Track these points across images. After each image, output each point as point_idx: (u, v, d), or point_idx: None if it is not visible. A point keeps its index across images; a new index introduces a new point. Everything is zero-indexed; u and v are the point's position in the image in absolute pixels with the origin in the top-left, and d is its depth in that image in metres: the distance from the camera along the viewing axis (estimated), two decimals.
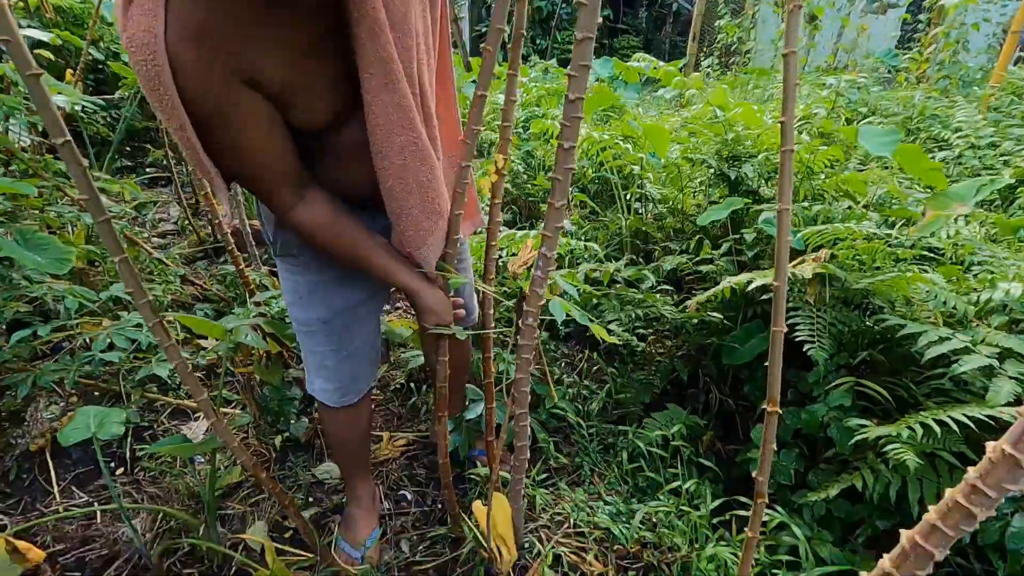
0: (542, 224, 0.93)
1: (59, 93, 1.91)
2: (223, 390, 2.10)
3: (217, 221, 1.83)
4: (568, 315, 1.11)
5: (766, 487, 0.88)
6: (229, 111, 0.77)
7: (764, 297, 1.84)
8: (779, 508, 1.48)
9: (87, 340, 2.05)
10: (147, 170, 4.38)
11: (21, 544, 1.42)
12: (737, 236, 2.00)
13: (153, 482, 1.68)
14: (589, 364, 2.27)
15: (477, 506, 1.31)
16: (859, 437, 1.29)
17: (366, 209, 1.05)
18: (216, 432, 1.11)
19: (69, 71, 3.48)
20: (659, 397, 2.11)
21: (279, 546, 1.46)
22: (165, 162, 3.86)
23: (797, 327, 1.50)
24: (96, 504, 1.46)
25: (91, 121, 4.03)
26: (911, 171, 1.85)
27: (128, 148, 4.60)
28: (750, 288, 1.53)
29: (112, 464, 1.74)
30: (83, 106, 2.90)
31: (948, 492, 0.58)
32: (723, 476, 1.76)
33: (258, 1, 0.72)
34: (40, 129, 3.24)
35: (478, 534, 1.39)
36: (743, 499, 1.58)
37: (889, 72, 5.12)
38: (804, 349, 1.43)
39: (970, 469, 0.57)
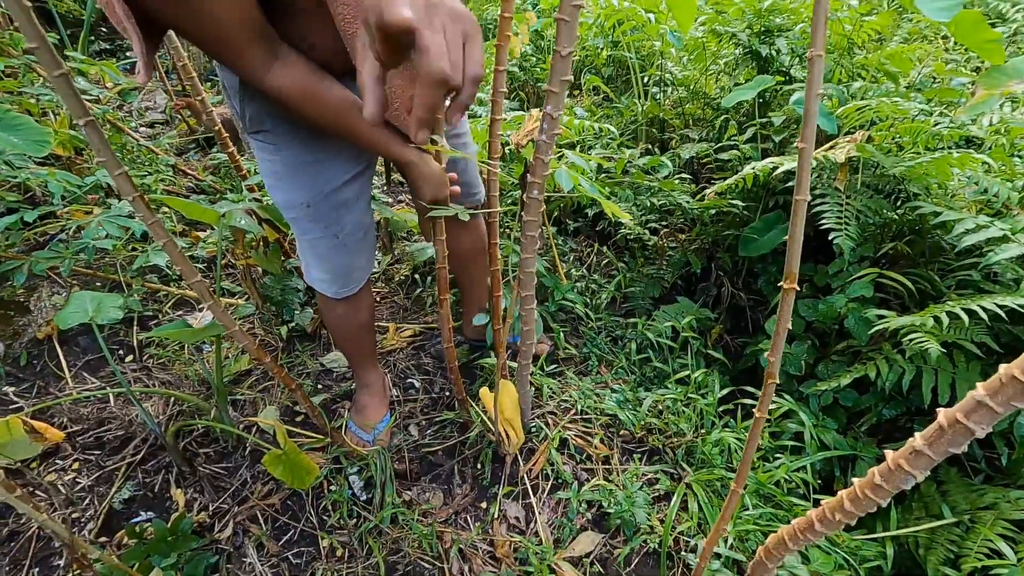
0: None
1: None
2: (225, 281, 2.07)
3: (209, 111, 1.70)
4: (576, 189, 1.02)
5: (778, 367, 0.83)
6: None
7: (787, 185, 1.73)
8: (786, 396, 1.48)
9: (80, 231, 1.99)
10: (128, 55, 4.08)
11: (39, 424, 1.45)
12: (764, 120, 1.85)
13: (163, 369, 1.70)
14: (598, 258, 2.21)
15: (484, 392, 1.31)
16: (880, 326, 1.25)
17: (343, 80, 0.93)
18: (215, 316, 1.07)
19: None
20: (669, 291, 2.07)
21: (290, 428, 1.49)
22: None
23: (823, 215, 1.41)
24: (108, 388, 1.47)
25: None
26: (966, 42, 1.65)
27: (104, 30, 4.26)
28: (776, 174, 1.42)
29: (121, 352, 1.75)
30: None
31: (1002, 368, 0.53)
32: (731, 367, 1.76)
33: None
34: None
35: (485, 419, 1.41)
36: (750, 389, 1.58)
37: None
38: (830, 238, 1.35)
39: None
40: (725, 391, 1.54)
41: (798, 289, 0.89)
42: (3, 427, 1.23)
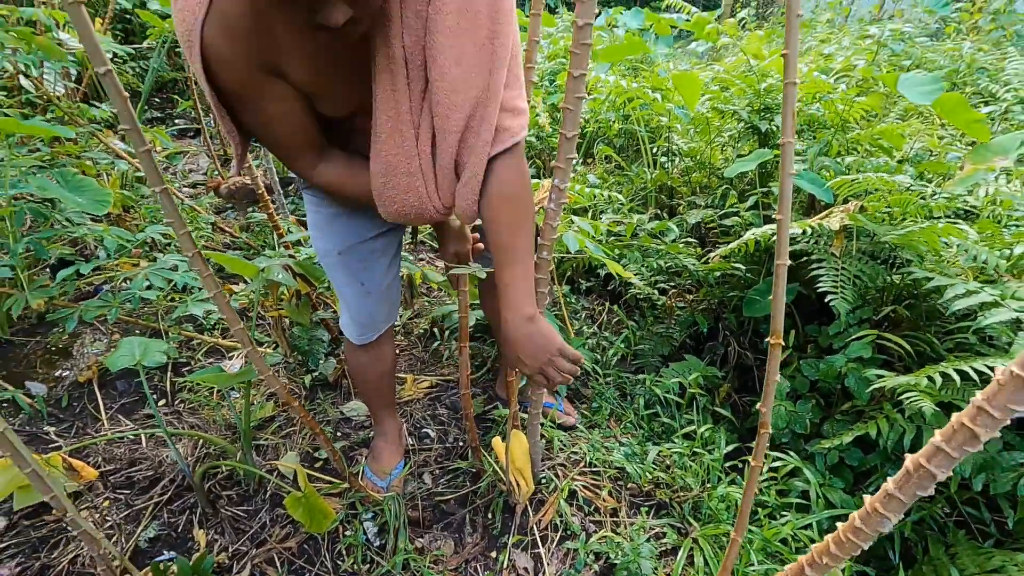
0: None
1: None
2: (255, 332, 2.19)
3: (252, 176, 1.89)
4: (583, 249, 1.12)
5: (769, 417, 0.90)
6: (254, 94, 0.85)
7: (795, 249, 1.83)
8: (792, 454, 1.52)
9: (127, 281, 2.15)
10: (176, 121, 4.43)
11: (76, 463, 1.54)
12: (765, 189, 1.97)
13: (192, 413, 1.79)
14: (609, 317, 2.30)
15: (496, 441, 1.37)
16: (878, 384, 1.30)
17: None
18: (251, 359, 1.17)
19: (98, 19, 3.51)
20: (678, 350, 2.14)
21: (310, 472, 1.56)
22: (194, 113, 3.90)
23: (820, 278, 1.49)
24: (141, 430, 1.56)
25: (120, 71, 4.07)
26: (952, 122, 1.78)
27: (157, 99, 4.65)
28: (774, 240, 1.52)
29: (155, 396, 1.85)
30: (113, 54, 2.93)
31: (954, 416, 0.60)
32: (738, 426, 1.80)
33: (293, 18, 0.79)
34: (74, 76, 3.29)
35: (496, 468, 1.46)
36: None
37: (938, 23, 4.84)
38: (827, 300, 1.43)
39: (977, 392, 0.58)
40: (731, 447, 1.58)
41: (784, 345, 0.96)
42: (43, 464, 1.32)
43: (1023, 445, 1.30)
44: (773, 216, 1.95)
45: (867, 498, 0.71)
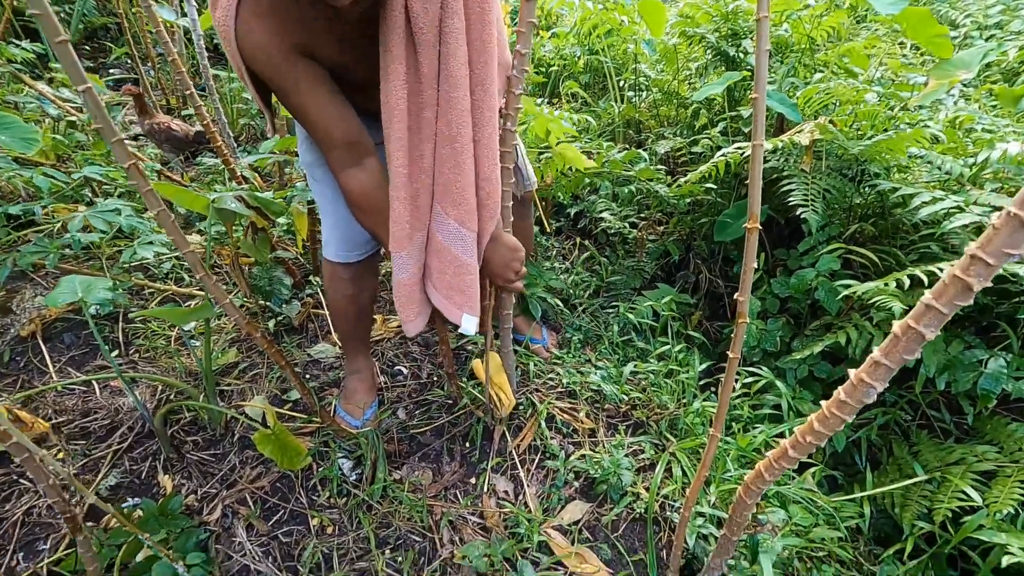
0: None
1: None
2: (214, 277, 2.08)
3: (205, 121, 1.74)
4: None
5: (747, 307, 0.88)
6: (288, 74, 0.90)
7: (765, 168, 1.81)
8: (764, 370, 1.54)
9: (65, 230, 2.00)
10: (110, 71, 4.11)
11: (24, 415, 1.44)
12: (733, 114, 1.94)
13: (149, 363, 1.70)
14: (580, 253, 2.27)
15: (476, 363, 1.34)
16: (847, 293, 1.32)
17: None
18: (206, 287, 1.09)
19: None
20: (650, 281, 2.14)
21: (280, 411, 1.50)
22: (130, 63, 3.62)
23: (791, 194, 1.48)
24: (93, 378, 1.47)
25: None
26: (916, 37, 1.77)
27: (87, 47, 4.29)
28: (745, 159, 1.50)
29: (107, 347, 1.74)
30: None
31: (946, 269, 0.58)
32: (711, 349, 1.82)
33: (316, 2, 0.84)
34: None
35: (476, 394, 1.44)
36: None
37: None
38: (798, 213, 1.43)
39: (971, 242, 0.56)
40: (705, 365, 1.59)
41: (772, 274, 0.94)
42: None
43: (982, 345, 1.35)
44: (743, 142, 1.94)
45: (851, 371, 0.70)
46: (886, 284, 1.25)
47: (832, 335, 1.42)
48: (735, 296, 0.90)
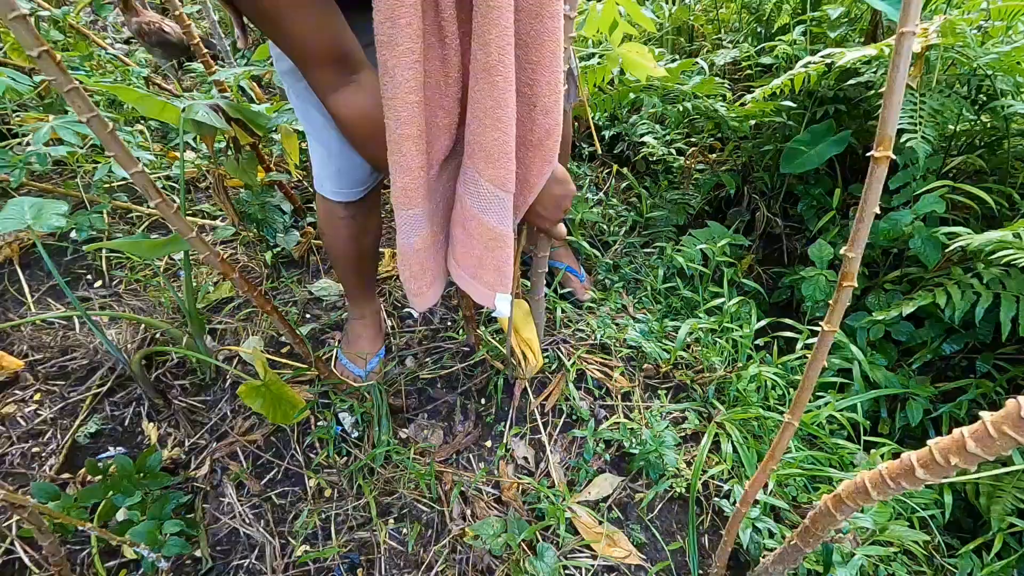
0: None
1: None
2: (204, 204, 1.88)
3: (187, 24, 1.46)
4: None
5: (857, 266, 0.64)
6: None
7: (841, 89, 1.49)
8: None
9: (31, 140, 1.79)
10: None
11: None
12: (817, 14, 1.59)
13: (135, 295, 1.54)
14: (617, 182, 2.00)
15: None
16: (957, 244, 1.06)
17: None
18: (179, 230, 0.88)
19: None
20: (695, 218, 1.87)
21: (275, 359, 1.34)
22: None
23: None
24: (73, 313, 1.32)
25: None
26: None
27: None
28: (842, 64, 1.19)
29: (89, 277, 1.58)
30: None
31: None
32: (766, 299, 1.58)
33: None
34: None
35: (495, 343, 1.25)
36: (788, 321, 1.41)
37: None
38: (902, 140, 1.13)
39: None
40: (763, 323, 1.36)
41: (845, 214, 0.67)
42: None
43: None
44: (826, 46, 1.59)
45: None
46: (1016, 235, 0.98)
47: (926, 294, 1.17)
48: (842, 251, 0.67)
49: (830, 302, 0.72)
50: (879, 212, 1.38)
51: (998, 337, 1.14)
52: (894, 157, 1.23)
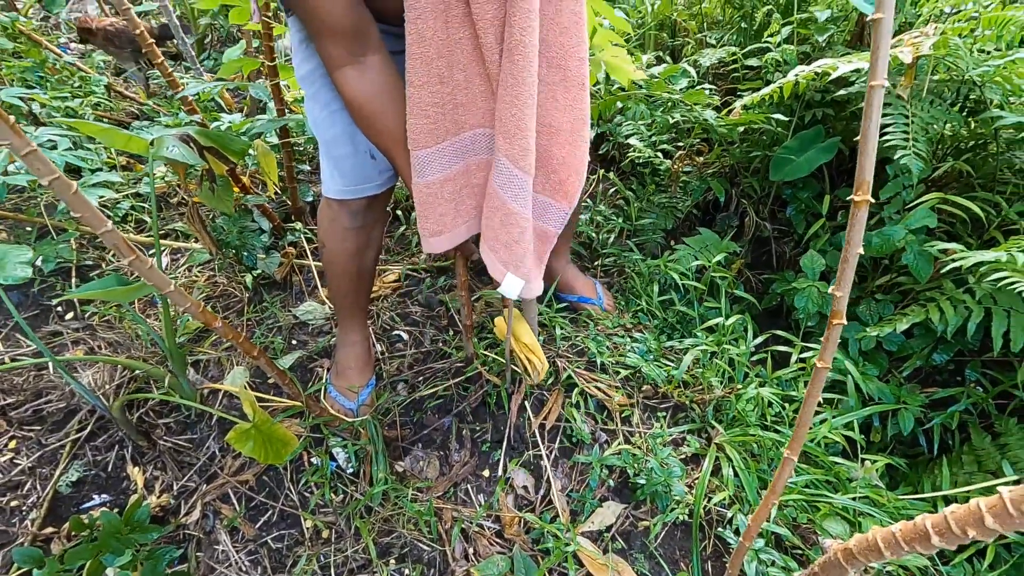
0: None
1: None
2: (179, 223, 1.80)
3: (138, 26, 1.36)
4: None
5: (845, 304, 0.63)
6: None
7: (831, 97, 1.48)
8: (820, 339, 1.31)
9: None
10: None
11: None
12: (804, 16, 1.56)
13: (109, 327, 1.47)
14: (604, 186, 1.97)
15: (499, 321, 1.12)
16: (951, 263, 1.06)
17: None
18: (141, 275, 0.83)
19: None
20: (683, 223, 1.86)
21: (261, 395, 1.30)
22: None
23: (887, 129, 1.17)
24: (46, 354, 1.25)
25: None
26: None
27: None
28: (837, 75, 1.16)
29: (59, 309, 1.51)
30: None
31: None
32: (758, 307, 1.58)
33: None
34: None
35: (495, 355, 1.22)
36: (782, 334, 1.41)
37: None
38: (895, 157, 1.12)
39: None
40: (760, 339, 1.36)
41: (832, 220, 0.65)
42: None
43: None
44: (813, 53, 1.57)
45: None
46: (1008, 256, 0.98)
47: (919, 309, 1.18)
48: (830, 289, 0.65)
49: (823, 312, 0.72)
50: (869, 225, 1.38)
51: (986, 345, 1.15)
52: (890, 163, 1.23)
